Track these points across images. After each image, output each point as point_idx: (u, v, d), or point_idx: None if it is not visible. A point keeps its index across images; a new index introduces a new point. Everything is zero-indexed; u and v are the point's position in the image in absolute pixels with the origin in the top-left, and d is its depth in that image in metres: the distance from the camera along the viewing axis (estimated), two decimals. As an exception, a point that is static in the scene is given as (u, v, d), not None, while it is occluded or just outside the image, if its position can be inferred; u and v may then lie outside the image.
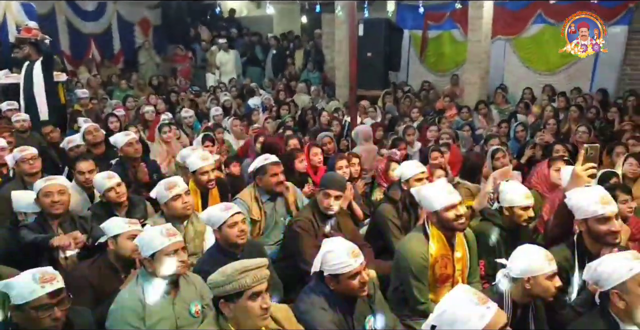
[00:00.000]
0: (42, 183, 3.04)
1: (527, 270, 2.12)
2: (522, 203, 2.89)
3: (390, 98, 8.01)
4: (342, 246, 2.12)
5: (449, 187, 2.70)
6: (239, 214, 2.68)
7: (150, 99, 7.76)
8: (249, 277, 1.87)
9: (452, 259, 2.67)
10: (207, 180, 3.57)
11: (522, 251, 2.20)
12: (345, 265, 2.08)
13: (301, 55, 11.05)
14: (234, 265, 1.92)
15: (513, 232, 2.99)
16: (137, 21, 11.63)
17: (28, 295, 1.87)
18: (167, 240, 2.26)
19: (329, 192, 3.05)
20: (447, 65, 9.88)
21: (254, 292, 1.87)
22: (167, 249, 2.24)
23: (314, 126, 6.79)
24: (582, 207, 2.43)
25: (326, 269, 2.11)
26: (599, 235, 2.40)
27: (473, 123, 6.57)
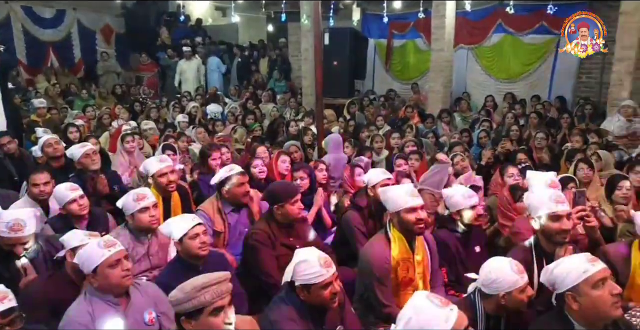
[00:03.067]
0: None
1: (501, 288, 2.13)
2: (466, 204, 2.94)
3: (355, 107, 8.08)
4: (314, 256, 2.08)
5: (414, 191, 2.75)
6: (200, 226, 2.64)
7: (116, 109, 7.59)
8: (208, 293, 1.83)
9: (413, 262, 2.70)
10: (167, 183, 3.51)
11: (493, 267, 2.18)
12: (317, 276, 2.04)
13: (266, 63, 11.05)
14: (193, 281, 1.87)
15: (468, 235, 3.05)
16: (99, 29, 11.40)
17: None
18: (107, 252, 2.18)
19: (296, 199, 3.02)
20: (412, 74, 10.08)
21: (215, 307, 1.83)
22: (109, 261, 2.17)
23: (282, 136, 6.77)
24: (536, 205, 2.54)
25: (298, 279, 2.08)
26: (550, 233, 2.50)
27: (437, 130, 6.69)
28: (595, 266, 1.91)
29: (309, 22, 8.85)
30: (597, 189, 3.95)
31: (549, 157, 5.19)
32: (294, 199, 2.99)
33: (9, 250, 2.71)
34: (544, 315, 2.08)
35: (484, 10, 8.87)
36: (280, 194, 3.02)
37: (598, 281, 1.88)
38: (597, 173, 4.11)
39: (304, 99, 9.27)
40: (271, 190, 3.13)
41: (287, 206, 2.98)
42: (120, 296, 2.23)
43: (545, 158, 5.09)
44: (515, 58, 8.97)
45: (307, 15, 8.88)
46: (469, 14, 8.19)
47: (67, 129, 5.56)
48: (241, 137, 6.55)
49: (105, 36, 11.52)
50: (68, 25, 10.77)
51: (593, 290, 1.87)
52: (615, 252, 2.70)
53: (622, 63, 6.40)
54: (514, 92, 8.43)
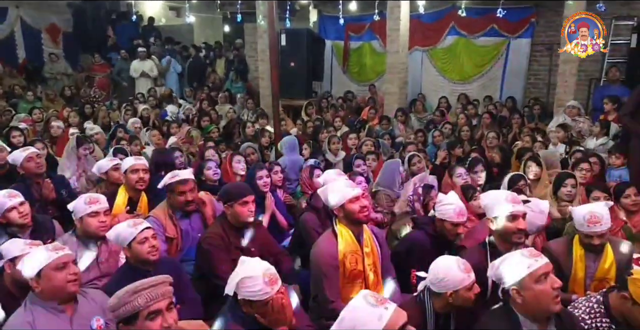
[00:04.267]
0: None
1: (448, 286, 2.18)
2: (453, 219, 2.98)
3: (313, 108, 8.09)
4: (259, 272, 1.98)
5: (351, 183, 2.83)
6: (148, 229, 2.58)
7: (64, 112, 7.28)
8: (141, 297, 1.78)
9: (362, 255, 2.73)
10: (137, 179, 3.54)
11: (441, 266, 2.22)
12: (262, 293, 1.97)
13: (223, 64, 10.90)
14: (126, 287, 1.82)
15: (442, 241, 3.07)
16: (45, 28, 10.90)
17: None
18: (53, 254, 2.12)
19: (246, 200, 2.97)
20: (369, 76, 10.19)
21: (151, 311, 1.78)
22: (54, 263, 2.10)
23: (239, 137, 6.69)
24: (494, 205, 2.62)
25: (241, 293, 2.01)
26: (508, 233, 2.56)
27: (393, 132, 6.78)
28: (539, 261, 1.97)
29: (265, 23, 8.78)
30: (545, 187, 4.10)
31: (500, 157, 5.35)
32: (244, 200, 2.95)
33: None
34: (491, 310, 2.14)
35: (437, 13, 9.07)
36: (230, 193, 3.00)
37: (541, 276, 1.95)
38: (545, 171, 4.25)
39: (261, 100, 9.20)
40: (223, 190, 3.15)
41: (237, 206, 2.94)
42: (66, 303, 2.14)
43: (497, 157, 5.25)
44: (468, 60, 9.24)
45: (263, 16, 8.81)
46: (423, 16, 8.36)
47: (10, 133, 5.28)
48: (196, 139, 6.43)
49: (51, 36, 11.03)
50: (11, 23, 10.25)
51: (536, 285, 1.94)
52: (557, 247, 2.82)
53: (567, 65, 6.70)
54: (467, 93, 8.66)
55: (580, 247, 2.74)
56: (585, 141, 5.64)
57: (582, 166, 4.15)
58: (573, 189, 3.70)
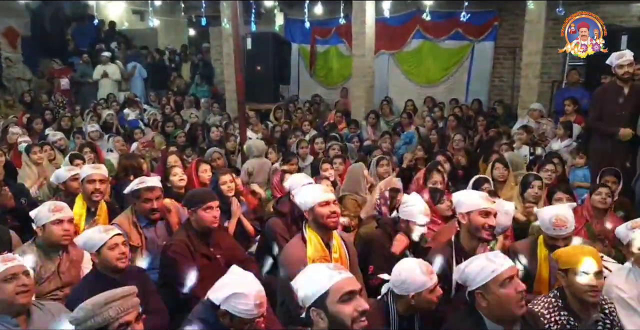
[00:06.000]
0: None
1: (410, 289, 2.19)
2: (419, 220, 3.00)
3: (281, 112, 8.06)
4: (253, 291, 1.97)
5: (324, 187, 2.80)
6: (119, 236, 2.54)
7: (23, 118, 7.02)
8: (112, 309, 1.74)
9: (330, 261, 2.69)
10: (93, 190, 3.43)
11: (403, 268, 2.23)
12: (248, 313, 1.95)
13: (188, 68, 10.75)
14: (95, 298, 1.77)
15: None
16: (1, 31, 10.52)
17: None
18: (1, 266, 2.06)
19: (210, 205, 2.93)
20: (336, 79, 10.22)
21: (121, 323, 1.74)
22: (3, 275, 2.04)
23: (203, 142, 6.59)
24: (467, 201, 2.65)
25: (226, 306, 1.96)
26: (477, 228, 2.59)
27: (361, 135, 6.81)
28: (504, 265, 1.98)
29: (230, 27, 8.70)
30: (511, 188, 4.17)
31: (466, 159, 5.41)
32: (208, 205, 2.91)
33: None
34: (457, 313, 2.16)
35: (402, 17, 9.18)
36: (194, 198, 2.97)
37: (505, 279, 1.95)
38: (511, 173, 4.32)
39: (227, 104, 9.12)
40: (187, 195, 3.12)
41: (200, 212, 2.91)
42: (19, 316, 2.07)
43: (463, 160, 5.30)
44: (434, 63, 9.37)
45: (228, 20, 8.74)
46: (388, 20, 8.43)
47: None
48: (159, 145, 6.30)
49: (9, 39, 10.64)
50: (-36, 26, 9.87)
51: (500, 289, 1.94)
52: (523, 248, 2.86)
53: (529, 68, 6.87)
54: (433, 96, 8.78)
55: (544, 248, 2.77)
56: (550, 143, 5.75)
57: (547, 167, 4.23)
58: (539, 190, 3.76)
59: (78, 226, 3.21)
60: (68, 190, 3.75)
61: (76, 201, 3.47)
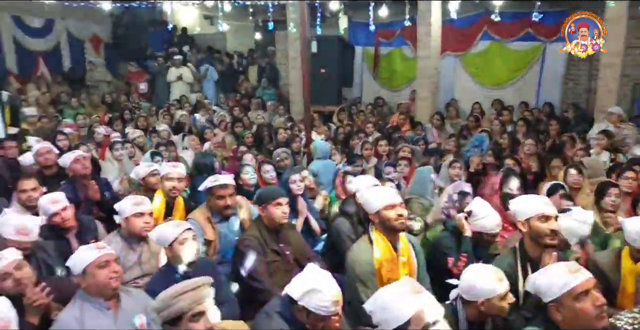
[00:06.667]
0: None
1: (479, 295, 2.15)
2: (492, 231, 2.96)
3: (344, 114, 8.14)
4: (331, 291, 2.03)
5: (390, 190, 2.80)
6: (189, 231, 2.67)
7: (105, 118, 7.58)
8: (185, 300, 1.86)
9: (398, 263, 2.71)
10: (171, 187, 3.66)
11: (472, 274, 2.20)
12: (325, 310, 2.02)
13: (255, 71, 11.07)
14: (170, 289, 1.91)
15: (476, 247, 3.07)
16: (88, 38, 11.37)
17: None
18: (97, 253, 2.23)
19: (280, 201, 3.04)
20: (400, 81, 10.15)
21: (194, 313, 1.86)
22: (98, 261, 2.21)
23: (270, 143, 6.80)
24: (524, 208, 2.57)
25: (303, 301, 2.04)
26: (539, 235, 2.50)
27: (426, 138, 6.74)
28: (578, 278, 1.88)
29: (296, 30, 8.90)
30: (587, 196, 3.95)
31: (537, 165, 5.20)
32: (278, 201, 3.04)
33: None
34: (531, 322, 2.07)
35: (469, 18, 8.98)
36: (264, 195, 3.10)
37: (580, 293, 1.85)
38: (586, 180, 4.11)
39: (292, 106, 9.30)
40: (258, 192, 3.27)
41: (271, 208, 3.03)
42: (110, 300, 2.25)
43: (534, 165, 5.11)
44: (502, 65, 9.09)
45: (294, 24, 8.94)
46: (455, 21, 8.29)
47: (56, 137, 5.54)
48: (230, 145, 6.57)
49: (93, 45, 11.50)
50: (57, 34, 10.73)
51: (575, 303, 1.85)
52: (604, 260, 2.72)
53: (609, 70, 6.49)
54: (501, 99, 8.52)
55: (630, 261, 2.63)
56: (632, 149, 5.40)
57: (627, 174, 3.94)
58: (617, 198, 3.55)
59: (157, 220, 3.44)
60: (147, 185, 4.00)
61: (155, 196, 3.70)
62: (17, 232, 2.73)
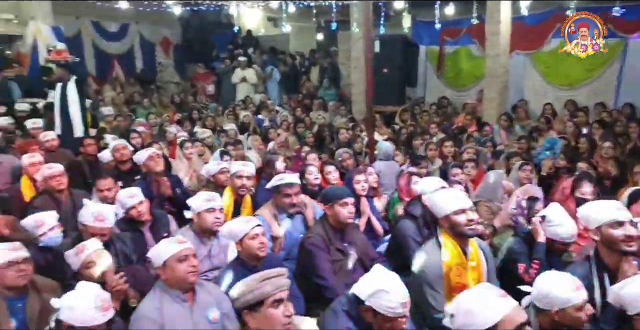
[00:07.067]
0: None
1: (553, 304, 2.04)
2: (566, 240, 2.83)
3: (407, 114, 8.03)
4: (399, 293, 2.03)
5: (460, 193, 2.72)
6: (259, 227, 2.74)
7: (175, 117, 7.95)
8: (269, 284, 1.90)
9: (467, 268, 2.64)
10: (240, 185, 3.75)
11: (547, 281, 2.10)
12: (392, 311, 2.01)
13: (317, 72, 11.17)
14: (253, 275, 1.95)
15: (547, 254, 2.93)
16: (159, 41, 11.94)
17: (89, 321, 1.95)
18: (177, 246, 2.32)
19: (346, 201, 3.04)
20: (465, 81, 9.88)
21: (275, 299, 1.90)
22: (178, 255, 2.29)
23: (331, 143, 6.83)
24: (593, 215, 2.43)
25: (370, 301, 2.04)
26: (614, 242, 2.36)
27: (494, 139, 6.52)
28: None
29: (359, 30, 8.90)
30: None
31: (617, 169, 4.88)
32: (344, 201, 3.03)
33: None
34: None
35: (541, 15, 8.57)
36: (331, 194, 3.11)
37: None
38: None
39: (354, 106, 9.30)
40: (324, 191, 3.27)
41: (336, 207, 3.03)
42: (187, 292, 2.33)
43: (612, 170, 4.79)
44: (576, 64, 8.54)
45: (357, 24, 8.94)
46: (526, 18, 7.95)
47: (130, 134, 5.86)
48: (293, 145, 6.66)
49: (164, 48, 12.06)
50: (131, 38, 11.37)
51: None
52: None
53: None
54: (574, 100, 8.07)
55: None
56: None
57: None
58: None
59: (227, 216, 3.55)
60: (217, 182, 4.15)
61: (225, 193, 3.83)
62: (95, 219, 2.93)
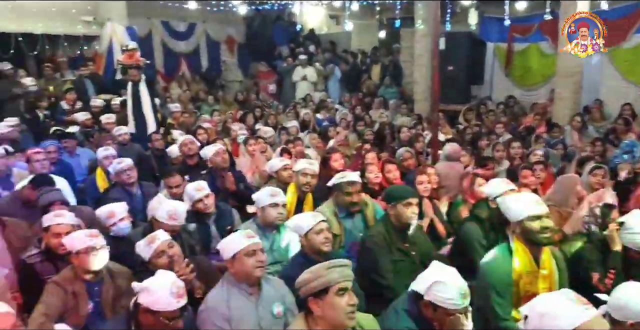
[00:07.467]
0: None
1: (629, 316, 1.94)
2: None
3: (472, 113, 7.77)
4: (456, 283, 2.02)
5: (536, 198, 2.58)
6: (324, 222, 2.78)
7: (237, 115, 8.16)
8: (335, 272, 1.92)
9: (538, 276, 2.52)
10: (305, 182, 3.80)
11: (624, 292, 2.00)
12: (452, 303, 1.99)
13: (378, 70, 11.06)
14: (319, 264, 1.98)
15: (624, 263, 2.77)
16: (223, 40, 12.26)
17: (164, 306, 2.04)
18: (246, 241, 2.36)
19: (410, 201, 3.00)
20: (535, 79, 9.43)
21: (341, 287, 1.91)
22: (246, 249, 2.34)
23: (392, 142, 6.73)
24: None
25: (429, 295, 2.04)
26: None
27: (565, 140, 6.19)
28: None
29: (423, 27, 8.73)
30: None
31: None
32: (408, 201, 2.99)
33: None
34: None
35: (622, 9, 8.02)
36: (395, 193, 3.08)
37: None
38: None
39: (416, 105, 9.14)
40: (388, 190, 3.25)
41: (400, 207, 2.99)
42: (253, 286, 2.38)
43: None
44: (662, 61, 7.97)
45: (422, 20, 8.77)
46: (605, 13, 7.46)
47: (196, 130, 6.06)
48: (353, 143, 6.64)
49: (228, 46, 12.38)
50: (198, 37, 11.75)
51: None
52: None
53: None
54: (658, 100, 7.49)
55: None
56: None
57: None
58: None
59: (289, 212, 3.59)
60: (279, 178, 4.21)
61: (289, 189, 3.87)
62: (169, 217, 3.05)
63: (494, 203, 3.31)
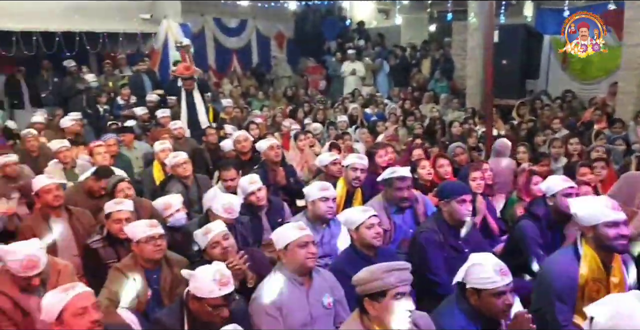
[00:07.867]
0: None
1: None
2: None
3: (526, 108, 7.50)
4: (490, 262, 2.02)
5: (614, 204, 2.44)
6: (375, 217, 2.77)
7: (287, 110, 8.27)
8: (393, 276, 1.90)
9: (607, 285, 2.40)
10: (354, 177, 3.81)
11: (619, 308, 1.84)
12: (490, 281, 1.98)
13: (428, 64, 10.87)
14: (377, 265, 1.97)
15: None
16: (273, 35, 12.40)
17: (207, 294, 2.12)
18: (299, 233, 2.40)
19: (464, 198, 2.94)
20: (595, 73, 8.96)
21: (398, 292, 1.90)
22: (299, 240, 2.38)
23: (442, 137, 6.61)
24: None
25: (469, 281, 2.04)
26: None
27: (628, 137, 5.87)
28: None
29: (476, 20, 8.49)
30: None
31: None
32: (462, 198, 2.95)
33: None
34: None
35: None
36: (448, 190, 3.03)
37: None
38: None
39: (467, 99, 8.91)
40: (441, 186, 3.19)
41: (454, 203, 2.95)
42: (304, 276, 2.43)
43: None
44: None
45: (474, 13, 8.53)
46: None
47: (249, 125, 6.18)
48: (403, 138, 6.57)
49: (278, 42, 12.52)
50: (248, 33, 11.94)
51: None
52: None
53: None
54: None
55: None
56: None
57: None
58: None
59: (339, 206, 3.61)
60: (328, 172, 4.23)
61: (338, 183, 3.89)
62: (225, 211, 3.13)
63: (551, 200, 3.20)
